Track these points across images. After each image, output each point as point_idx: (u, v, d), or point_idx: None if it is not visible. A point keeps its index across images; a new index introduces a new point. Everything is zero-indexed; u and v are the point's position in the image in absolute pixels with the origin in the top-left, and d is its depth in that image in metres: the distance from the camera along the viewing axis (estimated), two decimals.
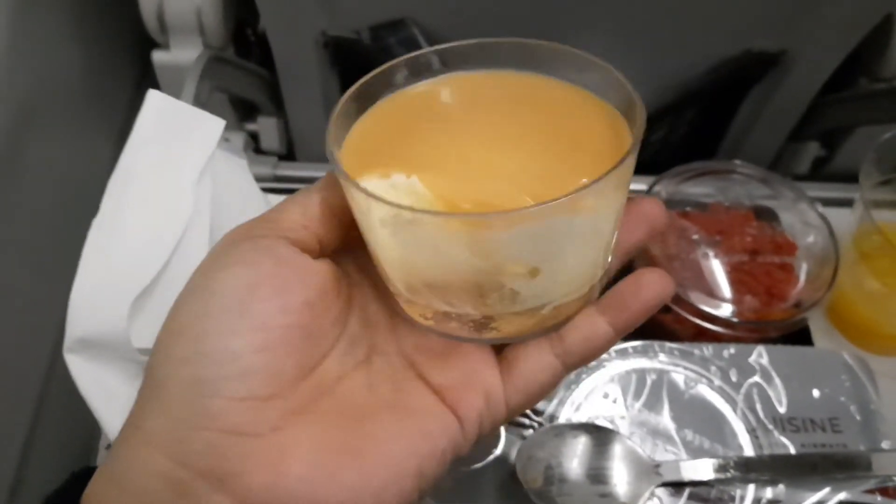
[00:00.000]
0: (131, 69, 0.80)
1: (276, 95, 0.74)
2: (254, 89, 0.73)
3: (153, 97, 0.42)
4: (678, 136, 0.78)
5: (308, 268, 0.27)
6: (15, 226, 0.61)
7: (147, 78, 0.73)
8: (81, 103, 0.72)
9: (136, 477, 0.24)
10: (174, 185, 0.41)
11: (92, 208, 0.41)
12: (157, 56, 0.71)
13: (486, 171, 0.27)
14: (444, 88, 0.30)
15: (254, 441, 0.24)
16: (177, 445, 0.24)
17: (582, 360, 0.29)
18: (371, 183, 0.25)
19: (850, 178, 0.55)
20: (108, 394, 0.39)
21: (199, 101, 0.61)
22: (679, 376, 0.50)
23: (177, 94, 0.61)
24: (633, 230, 0.30)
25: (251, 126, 0.78)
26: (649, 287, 0.29)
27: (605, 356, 0.51)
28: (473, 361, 0.29)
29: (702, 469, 0.45)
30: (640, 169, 0.66)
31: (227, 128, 0.45)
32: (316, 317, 0.27)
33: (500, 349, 0.30)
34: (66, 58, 0.69)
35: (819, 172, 0.78)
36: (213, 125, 0.43)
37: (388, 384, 0.28)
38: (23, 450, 0.62)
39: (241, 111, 0.77)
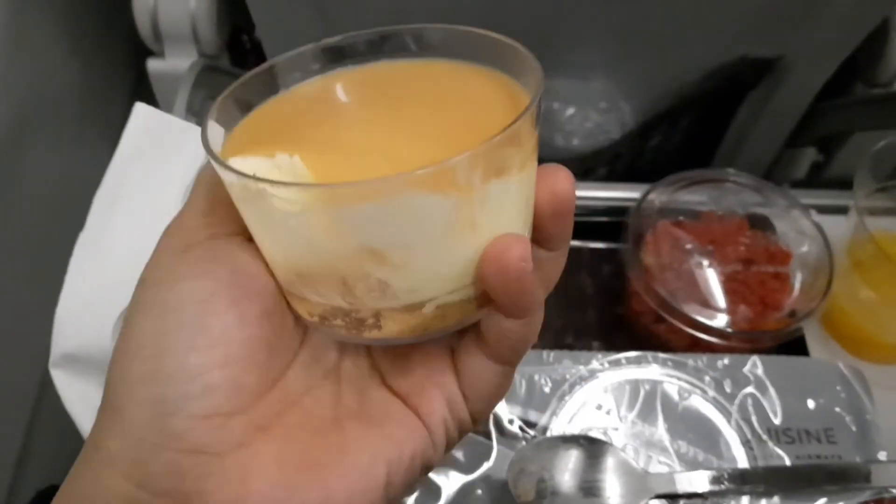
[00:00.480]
0: (126, 78, 0.79)
1: None
2: None
3: (139, 110, 0.42)
4: (674, 143, 0.77)
5: (266, 270, 0.26)
6: (10, 236, 0.61)
7: (142, 86, 0.73)
8: (76, 112, 0.71)
9: (97, 499, 0.24)
10: (161, 199, 0.40)
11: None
12: (152, 64, 0.70)
13: (373, 153, 0.25)
14: (340, 80, 0.29)
15: (216, 460, 0.23)
16: (136, 467, 0.23)
17: (510, 354, 0.27)
18: (253, 161, 0.24)
19: (848, 183, 0.55)
20: (92, 408, 0.38)
21: (193, 110, 0.61)
22: (673, 387, 0.50)
23: (171, 102, 0.61)
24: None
25: None
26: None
27: (598, 367, 0.50)
28: (432, 367, 0.28)
29: (696, 481, 0.45)
30: (636, 177, 0.66)
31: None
32: (276, 326, 0.26)
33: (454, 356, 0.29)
34: (60, 67, 0.69)
35: (817, 178, 0.77)
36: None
37: (354, 392, 0.28)
38: (17, 461, 0.61)
39: None
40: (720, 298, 0.55)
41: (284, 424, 0.25)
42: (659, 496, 0.45)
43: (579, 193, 0.64)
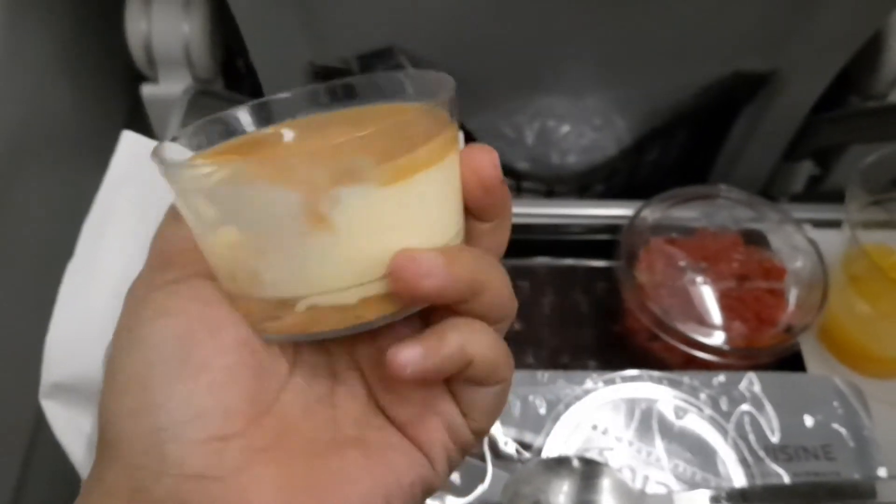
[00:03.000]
0: (121, 103, 0.80)
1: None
2: None
3: (127, 138, 0.42)
4: (670, 158, 0.77)
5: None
6: (2, 263, 0.61)
7: (137, 111, 0.74)
8: (71, 138, 0.72)
9: None
10: (150, 227, 0.40)
11: None
12: (147, 89, 0.71)
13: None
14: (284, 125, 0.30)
15: (216, 484, 0.23)
16: (138, 495, 0.23)
17: (496, 374, 0.27)
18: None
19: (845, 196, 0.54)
20: (84, 439, 0.39)
21: None
22: (668, 406, 0.49)
23: (165, 127, 0.62)
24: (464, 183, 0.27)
25: None
26: None
27: (592, 386, 0.50)
28: (429, 393, 0.28)
29: (694, 501, 0.45)
30: (632, 193, 0.66)
31: None
32: (256, 353, 0.26)
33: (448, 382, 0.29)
34: (54, 93, 0.69)
35: (814, 191, 0.77)
36: None
37: (352, 418, 0.28)
38: (13, 495, 0.61)
39: None
40: (715, 315, 0.55)
41: (283, 448, 0.25)
42: None
43: (573, 212, 0.65)
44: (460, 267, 0.25)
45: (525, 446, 0.48)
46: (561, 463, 0.45)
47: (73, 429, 0.39)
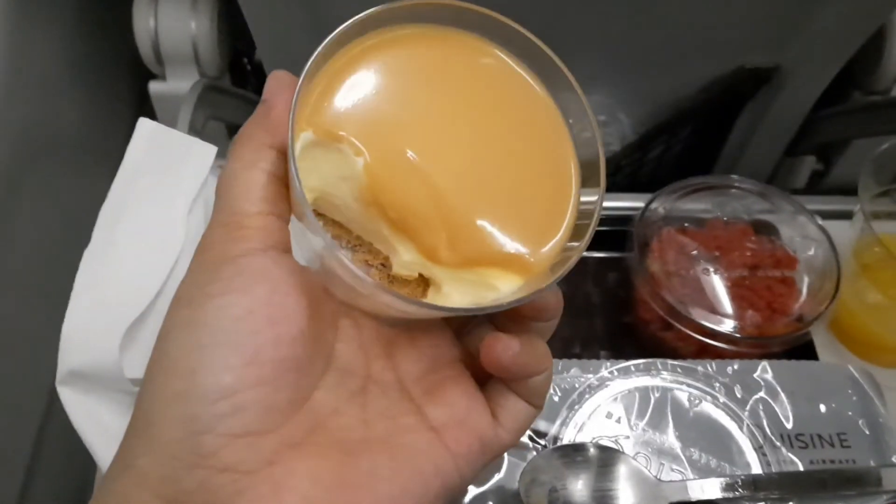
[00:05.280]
0: (128, 100, 0.80)
1: None
2: (250, 117, 0.73)
3: (143, 125, 0.42)
4: (674, 154, 0.77)
5: (300, 289, 0.26)
6: (16, 260, 0.61)
7: (144, 108, 0.73)
8: (80, 135, 0.72)
9: None
10: (166, 214, 0.40)
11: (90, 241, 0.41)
12: (154, 86, 0.71)
13: (427, 189, 0.27)
14: (423, 49, 0.30)
15: (248, 477, 0.23)
16: (168, 484, 0.23)
17: (541, 398, 0.31)
18: (316, 152, 0.26)
19: (848, 191, 0.55)
20: (101, 426, 0.38)
21: (195, 130, 0.61)
22: (683, 394, 0.49)
23: (174, 123, 0.61)
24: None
25: None
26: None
27: (607, 375, 0.50)
28: (469, 401, 0.29)
29: (709, 489, 0.45)
30: (637, 186, 0.66)
31: (224, 155, 0.44)
32: (307, 346, 0.26)
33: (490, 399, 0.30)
34: (62, 90, 0.69)
35: (816, 186, 0.78)
36: (206, 152, 0.42)
37: (383, 418, 0.28)
38: (23, 483, 0.61)
39: None
40: (727, 304, 0.55)
41: (315, 443, 0.25)
42: None
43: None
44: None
45: (540, 434, 0.48)
46: (577, 450, 0.45)
47: (89, 415, 0.39)
